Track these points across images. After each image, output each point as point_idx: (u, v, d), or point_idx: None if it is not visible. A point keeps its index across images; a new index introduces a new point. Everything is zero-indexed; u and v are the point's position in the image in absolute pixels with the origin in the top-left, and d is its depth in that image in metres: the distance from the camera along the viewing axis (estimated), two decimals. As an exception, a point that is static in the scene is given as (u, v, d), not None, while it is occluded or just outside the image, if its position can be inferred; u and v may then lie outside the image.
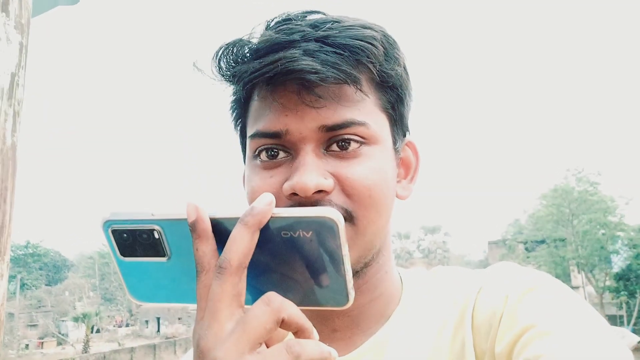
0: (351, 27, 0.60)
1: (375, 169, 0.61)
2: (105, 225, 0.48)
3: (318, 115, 0.59)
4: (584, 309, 0.58)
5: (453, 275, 0.71)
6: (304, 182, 0.57)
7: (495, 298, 0.62)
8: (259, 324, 0.42)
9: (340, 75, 0.58)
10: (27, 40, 1.20)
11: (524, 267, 0.66)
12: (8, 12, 1.15)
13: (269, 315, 0.42)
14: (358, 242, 0.61)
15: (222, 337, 0.42)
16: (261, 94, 0.62)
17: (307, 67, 0.56)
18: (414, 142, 0.72)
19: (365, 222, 0.61)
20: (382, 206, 0.62)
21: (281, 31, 0.60)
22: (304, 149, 0.60)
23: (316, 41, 0.58)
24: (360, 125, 0.60)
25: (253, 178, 0.63)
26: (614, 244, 27.86)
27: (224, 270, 0.43)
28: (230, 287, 0.43)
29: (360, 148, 0.61)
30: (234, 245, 0.43)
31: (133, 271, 0.50)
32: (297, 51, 0.57)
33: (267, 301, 0.43)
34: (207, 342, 0.42)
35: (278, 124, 0.60)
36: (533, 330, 0.55)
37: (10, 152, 1.13)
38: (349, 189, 0.59)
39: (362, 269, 0.64)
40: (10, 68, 1.14)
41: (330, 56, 0.58)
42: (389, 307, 0.69)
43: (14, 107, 1.14)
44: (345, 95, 0.60)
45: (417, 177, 0.73)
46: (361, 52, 0.59)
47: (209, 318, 0.43)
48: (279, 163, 0.62)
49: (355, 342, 0.67)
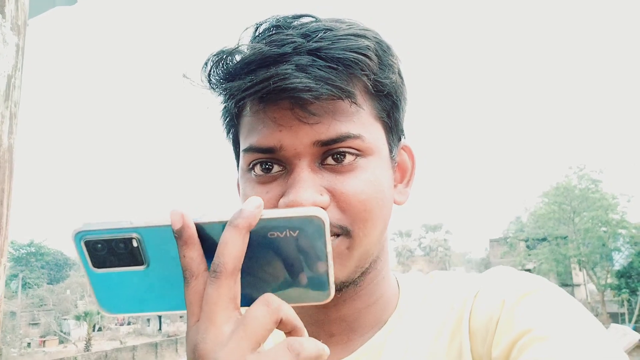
0: (344, 37, 0.59)
1: (370, 182, 0.60)
2: (76, 237, 0.46)
3: (312, 131, 0.58)
4: (581, 314, 0.58)
5: (450, 280, 0.70)
6: (300, 199, 0.56)
7: (492, 303, 0.61)
8: (259, 325, 0.42)
9: (334, 92, 0.57)
10: (23, 41, 1.20)
11: (520, 272, 0.66)
12: (4, 13, 1.14)
13: (269, 316, 0.43)
14: (355, 254, 0.61)
15: (221, 340, 0.42)
16: (253, 108, 0.62)
17: (300, 85, 0.55)
18: (409, 145, 0.72)
19: (362, 235, 0.60)
20: (378, 218, 0.62)
21: (272, 42, 0.58)
22: (299, 164, 0.59)
23: (308, 54, 0.57)
24: (356, 138, 0.60)
25: (249, 192, 0.63)
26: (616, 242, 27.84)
27: (219, 274, 0.43)
28: (227, 291, 0.43)
29: (355, 160, 0.60)
30: (227, 249, 0.43)
31: (105, 282, 0.48)
32: (289, 67, 0.56)
33: (266, 302, 0.43)
34: (206, 345, 0.42)
35: (272, 140, 0.59)
36: (530, 335, 0.55)
37: (7, 154, 1.13)
38: (344, 204, 0.59)
39: (360, 277, 0.64)
40: (6, 70, 1.13)
41: (323, 71, 0.57)
42: (385, 312, 0.69)
43: (10, 109, 1.13)
44: (339, 110, 0.59)
45: (413, 181, 0.73)
46: (355, 64, 0.58)
47: (206, 322, 0.43)
48: (273, 177, 0.61)
49: (352, 347, 0.67)
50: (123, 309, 0.50)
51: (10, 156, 1.14)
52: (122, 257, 0.47)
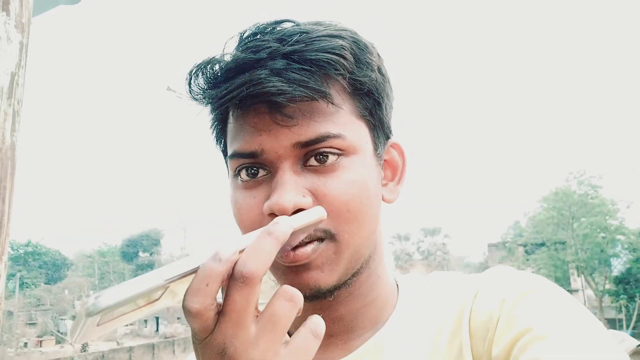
0: (319, 39, 0.60)
1: (353, 181, 0.61)
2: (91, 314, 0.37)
3: (291, 133, 0.59)
4: (581, 313, 0.58)
5: (449, 280, 0.70)
6: (282, 202, 0.57)
7: (491, 302, 0.61)
8: (287, 320, 0.44)
9: (308, 93, 0.57)
10: (27, 39, 1.20)
11: (520, 271, 0.66)
12: (9, 11, 1.15)
13: (294, 310, 0.45)
14: (342, 256, 0.61)
15: (251, 341, 0.43)
16: (235, 114, 0.63)
17: (273, 89, 0.56)
18: (399, 143, 0.72)
19: (347, 237, 0.60)
20: (363, 218, 0.62)
21: (248, 49, 0.59)
22: (281, 167, 0.59)
23: (283, 57, 0.58)
24: (336, 137, 0.60)
25: (237, 198, 0.63)
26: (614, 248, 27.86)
27: (249, 280, 0.43)
28: (254, 297, 0.44)
29: (338, 160, 0.60)
30: (260, 256, 0.44)
31: None
32: (263, 72, 0.57)
33: (289, 297, 0.45)
34: (237, 349, 0.43)
35: (253, 145, 0.60)
36: (530, 334, 0.55)
37: (10, 151, 1.13)
38: (327, 205, 0.59)
39: (351, 278, 0.64)
40: (10, 67, 1.14)
41: (297, 74, 0.57)
42: (384, 312, 0.69)
43: (13, 107, 1.14)
44: (317, 110, 0.60)
45: (404, 179, 0.72)
46: (329, 65, 0.59)
47: (234, 327, 0.44)
48: (259, 182, 0.62)
49: (351, 347, 0.67)
50: None
51: (12, 154, 1.14)
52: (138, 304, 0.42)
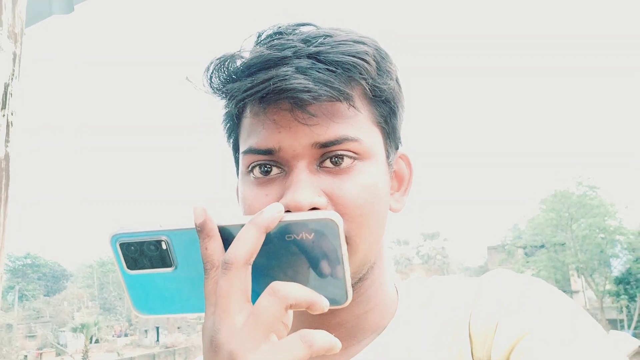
0: (343, 43, 0.60)
1: (367, 185, 0.61)
2: (113, 240, 0.50)
3: (311, 132, 0.59)
4: (580, 316, 0.58)
5: (449, 285, 0.70)
6: (298, 200, 0.57)
7: (491, 306, 0.61)
8: (269, 314, 0.44)
9: (332, 93, 0.58)
10: (20, 49, 1.20)
11: (519, 275, 0.66)
12: (1, 21, 1.14)
13: (277, 305, 0.45)
14: (351, 259, 0.60)
15: (235, 330, 0.44)
16: (253, 110, 0.62)
17: (299, 86, 0.56)
18: (407, 154, 0.72)
19: (358, 241, 0.61)
20: (374, 223, 0.62)
21: (273, 47, 0.59)
22: (297, 165, 0.59)
23: (308, 57, 0.58)
24: (353, 141, 0.60)
25: (248, 195, 0.63)
26: (614, 248, 27.90)
27: (230, 265, 0.45)
28: (238, 282, 0.45)
29: (353, 164, 0.61)
30: (241, 242, 0.46)
31: (138, 284, 0.52)
32: (289, 69, 0.57)
33: (273, 292, 0.45)
34: (221, 336, 0.44)
35: (271, 141, 0.60)
36: (529, 338, 0.55)
37: (4, 162, 1.13)
38: (340, 207, 0.59)
39: (357, 283, 0.64)
40: (3, 78, 1.13)
41: (322, 73, 0.58)
42: (384, 318, 0.69)
43: (7, 118, 1.13)
44: (337, 112, 0.60)
45: (410, 190, 0.73)
46: (353, 68, 0.59)
47: (220, 313, 0.45)
48: (272, 179, 0.61)
49: (351, 353, 0.67)
50: (154, 310, 0.53)
51: (7, 165, 1.13)
52: (152, 259, 0.50)
